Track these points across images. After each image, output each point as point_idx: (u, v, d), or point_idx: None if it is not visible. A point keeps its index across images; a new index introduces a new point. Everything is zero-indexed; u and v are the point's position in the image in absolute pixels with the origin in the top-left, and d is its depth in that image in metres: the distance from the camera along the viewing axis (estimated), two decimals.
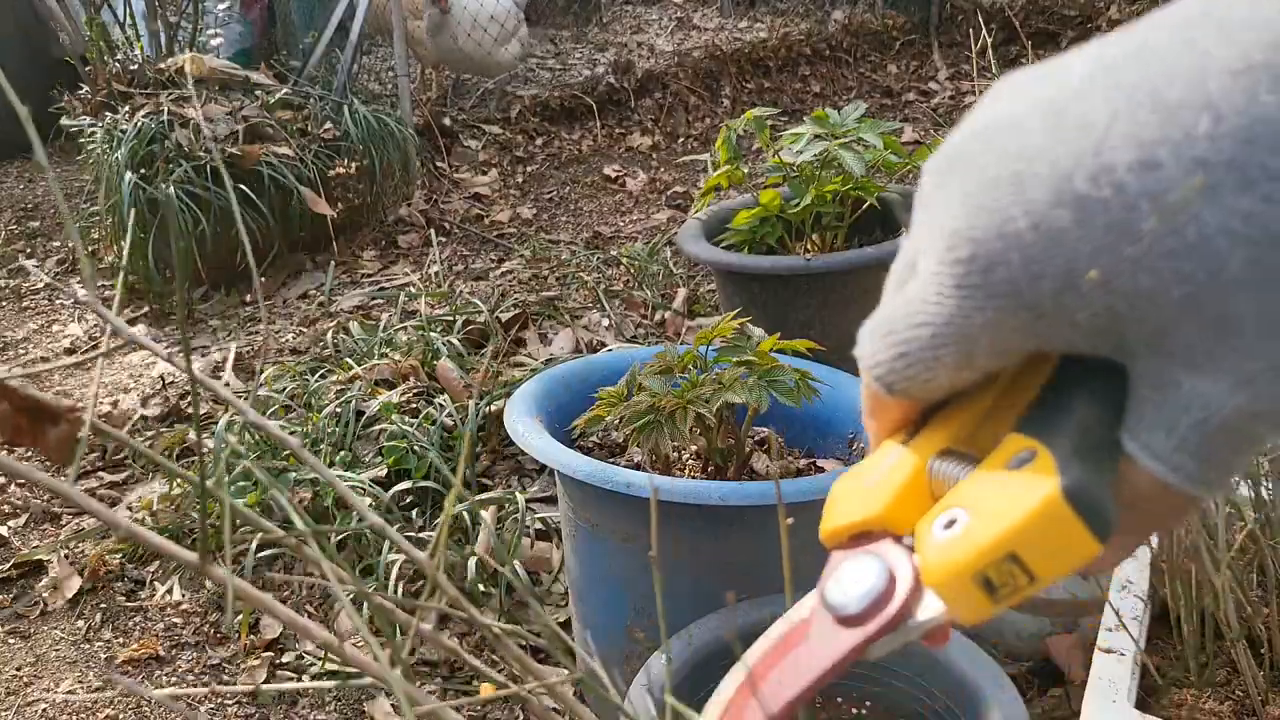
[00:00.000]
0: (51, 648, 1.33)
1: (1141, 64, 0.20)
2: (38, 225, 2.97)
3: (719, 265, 1.55)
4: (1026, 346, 0.22)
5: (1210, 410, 0.20)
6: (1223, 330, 0.19)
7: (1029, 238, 0.20)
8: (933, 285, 0.23)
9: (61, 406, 0.29)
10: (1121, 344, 0.21)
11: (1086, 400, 0.22)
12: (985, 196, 0.21)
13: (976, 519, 0.23)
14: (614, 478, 0.93)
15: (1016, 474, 0.22)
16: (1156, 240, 0.19)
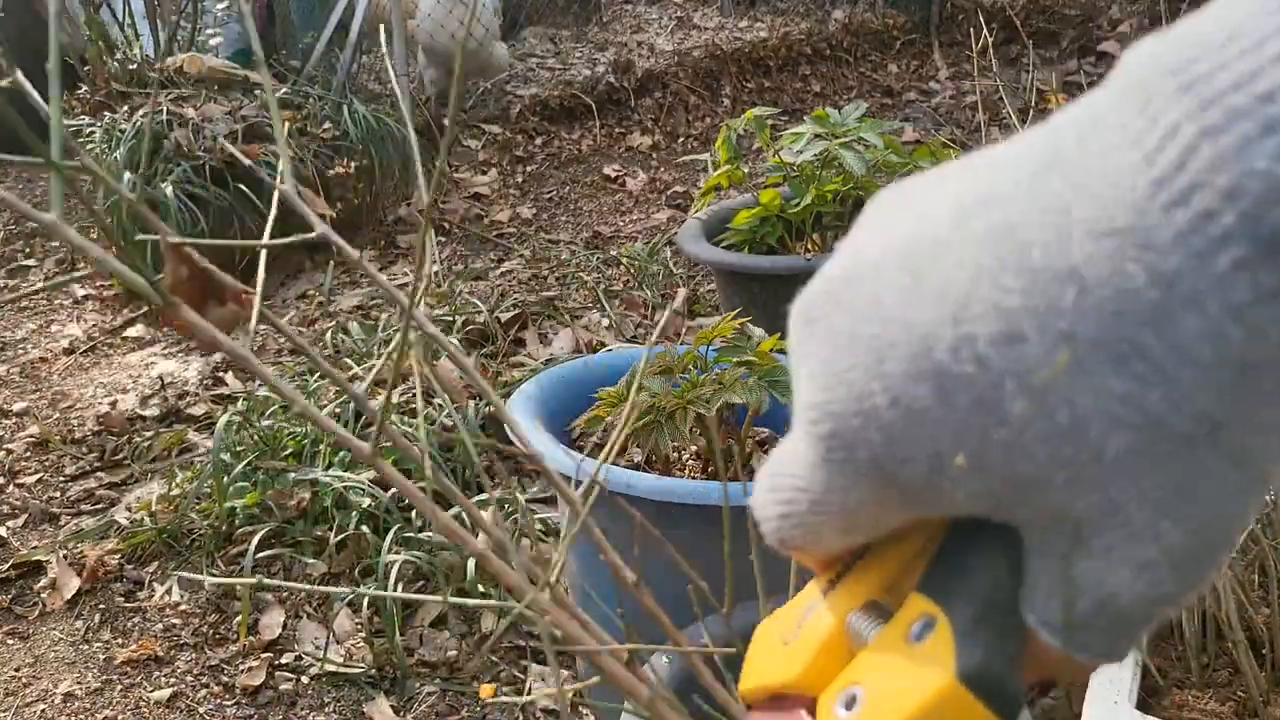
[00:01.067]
0: (50, 648, 1.33)
1: (1003, 215, 0.18)
2: (36, 225, 2.96)
3: (719, 265, 1.54)
4: (910, 517, 0.21)
5: (1108, 596, 0.19)
6: (1111, 515, 0.18)
7: (888, 416, 0.18)
8: (806, 453, 0.21)
9: (234, 287, 0.28)
10: (1011, 517, 0.20)
11: (988, 560, 0.21)
12: (842, 363, 0.19)
13: (874, 700, 0.22)
14: (613, 478, 0.93)
15: (916, 648, 0.21)
16: (1027, 424, 0.17)
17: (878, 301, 0.19)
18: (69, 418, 1.92)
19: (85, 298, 2.49)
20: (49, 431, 1.84)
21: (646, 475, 0.99)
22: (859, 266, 0.19)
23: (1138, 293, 0.16)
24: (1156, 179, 0.16)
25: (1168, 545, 0.18)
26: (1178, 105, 0.16)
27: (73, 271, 2.64)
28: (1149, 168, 0.16)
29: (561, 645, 0.30)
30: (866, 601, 0.23)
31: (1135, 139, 0.16)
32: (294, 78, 2.74)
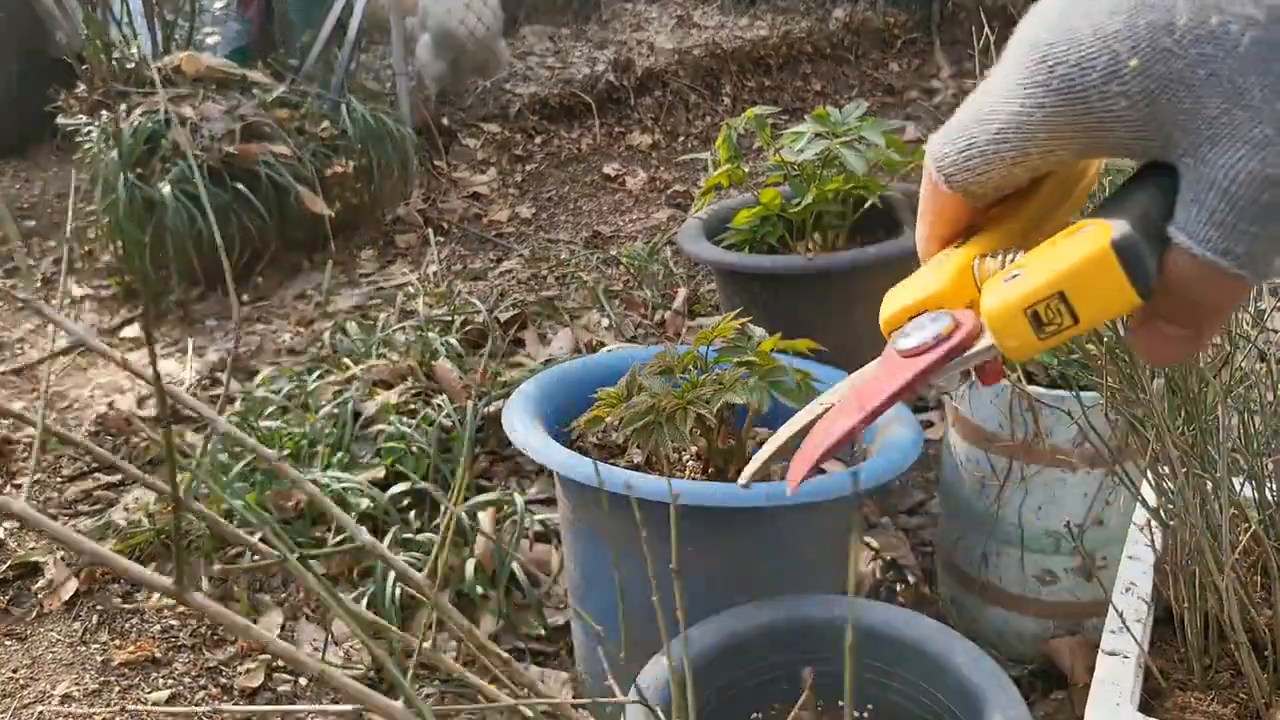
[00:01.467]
0: (48, 650, 1.33)
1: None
2: (33, 225, 2.96)
3: (719, 265, 1.54)
4: (1078, 142, 0.26)
5: (1231, 178, 0.24)
6: (1236, 101, 0.23)
7: (1087, 38, 0.25)
8: (1002, 88, 0.27)
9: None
10: (1162, 139, 0.25)
11: (1147, 198, 0.26)
12: (1058, 15, 0.26)
13: (1035, 268, 0.27)
14: (613, 478, 0.92)
15: (1076, 239, 0.26)
16: (1188, 30, 0.24)
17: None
18: (66, 418, 1.92)
19: (82, 298, 2.49)
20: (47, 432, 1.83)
21: (646, 476, 0.99)
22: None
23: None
24: None
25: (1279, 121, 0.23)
26: None
27: (70, 271, 2.63)
28: None
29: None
30: (994, 249, 0.29)
31: None
32: (292, 77, 2.73)
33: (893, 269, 1.48)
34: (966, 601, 1.21)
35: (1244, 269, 0.24)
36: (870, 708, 0.90)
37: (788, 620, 0.91)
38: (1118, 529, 1.07)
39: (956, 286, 0.29)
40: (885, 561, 1.31)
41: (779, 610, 0.91)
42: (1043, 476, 1.09)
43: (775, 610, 0.91)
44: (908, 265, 1.30)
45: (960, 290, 0.29)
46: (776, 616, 0.91)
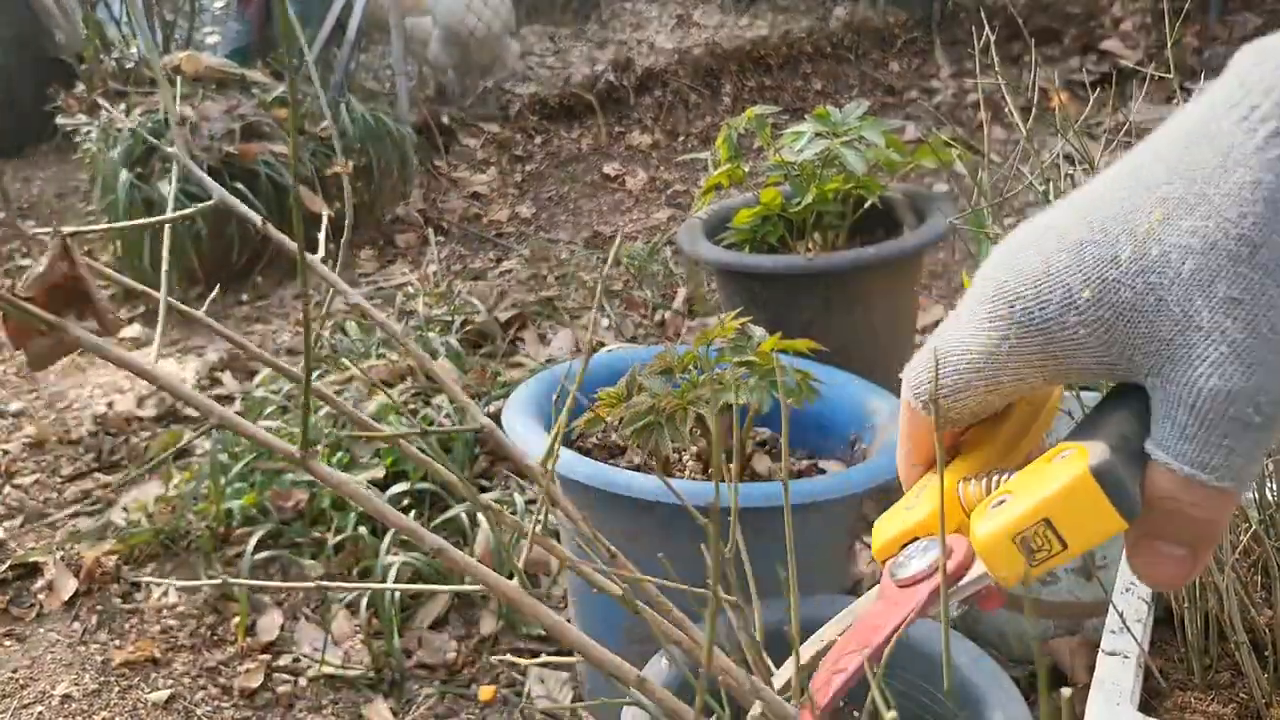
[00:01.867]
0: (47, 650, 1.32)
1: (1120, 167, 0.28)
2: (33, 224, 2.96)
3: (720, 264, 1.54)
4: (1045, 371, 0.28)
5: (1195, 396, 0.25)
6: (1188, 323, 0.25)
7: (1038, 274, 0.27)
8: (970, 323, 0.29)
9: (102, 306, 0.28)
10: (1126, 362, 0.27)
11: (1122, 418, 0.27)
12: (1012, 254, 0.28)
13: (1020, 495, 0.28)
14: (613, 479, 0.92)
15: (1057, 465, 0.27)
16: (1132, 262, 0.26)
17: (1043, 221, 0.28)
18: (65, 418, 1.91)
19: None
20: (45, 432, 1.83)
21: (646, 476, 0.99)
22: (1033, 221, 0.29)
23: (1206, 162, 0.25)
24: (1236, 116, 0.25)
25: (1232, 340, 0.25)
26: (1260, 78, 0.25)
27: None
28: (1234, 109, 0.25)
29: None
30: (970, 474, 0.30)
31: (1229, 101, 0.25)
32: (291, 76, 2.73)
33: (892, 268, 1.48)
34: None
35: (1225, 480, 0.26)
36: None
37: (787, 620, 0.91)
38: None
39: (937, 513, 0.30)
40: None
41: (779, 610, 0.91)
42: None
43: (775, 611, 0.91)
44: (908, 265, 1.31)
45: (948, 514, 0.30)
46: (775, 617, 0.91)
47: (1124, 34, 3.39)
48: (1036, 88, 1.11)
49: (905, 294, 1.56)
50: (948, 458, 0.31)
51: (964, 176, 1.70)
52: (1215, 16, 3.44)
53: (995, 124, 2.73)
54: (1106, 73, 3.24)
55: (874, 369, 1.36)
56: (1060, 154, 1.13)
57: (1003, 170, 1.04)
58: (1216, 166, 0.25)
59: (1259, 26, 3.35)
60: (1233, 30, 3.36)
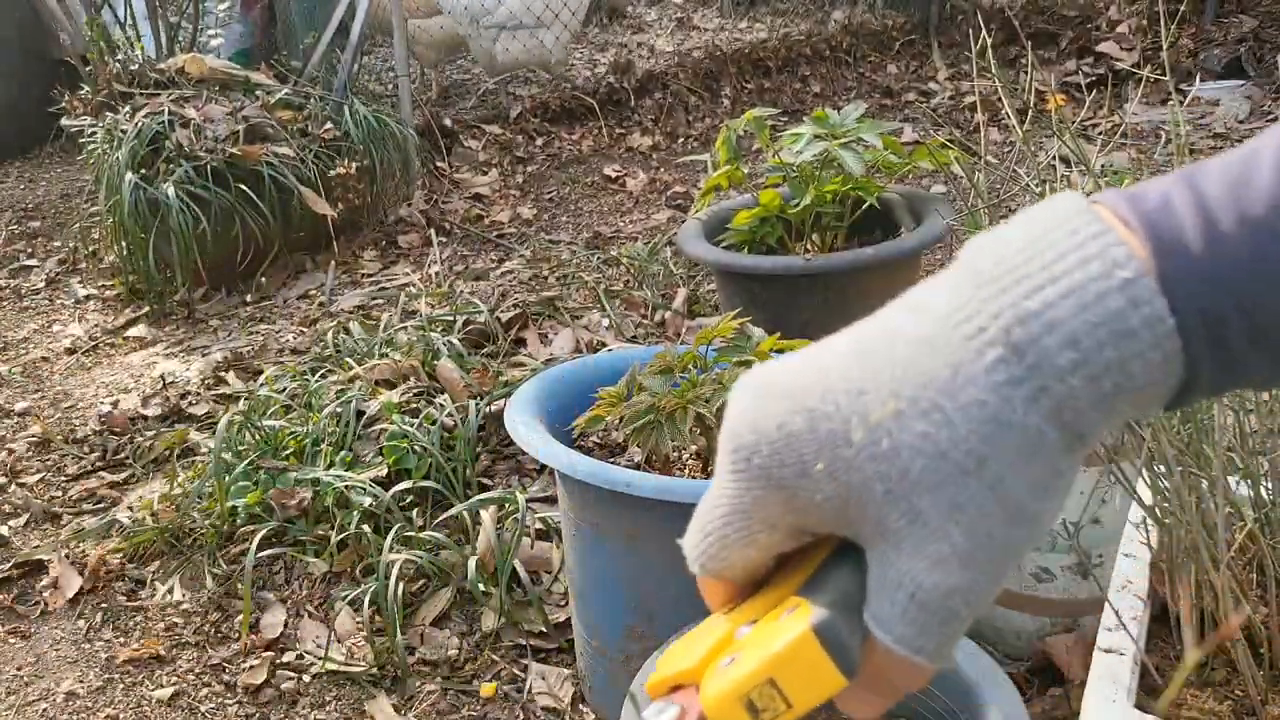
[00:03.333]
0: (52, 647, 1.33)
1: (856, 339, 0.30)
2: (38, 225, 2.97)
3: (719, 265, 1.55)
4: (791, 523, 0.29)
5: (916, 585, 0.27)
6: (914, 519, 0.26)
7: (774, 435, 0.28)
8: (719, 480, 0.30)
9: None
10: (854, 531, 0.28)
11: (848, 575, 0.28)
12: (753, 409, 0.29)
13: (746, 656, 0.28)
14: (614, 477, 0.93)
15: (782, 622, 0.28)
16: (862, 448, 0.27)
17: (779, 377, 0.29)
18: (71, 417, 1.92)
19: (87, 298, 2.50)
20: (51, 431, 1.84)
21: (646, 474, 1.00)
22: (776, 366, 0.30)
23: (938, 372, 0.27)
24: (966, 332, 0.27)
25: (954, 542, 0.26)
26: (989, 297, 0.27)
27: (74, 272, 2.64)
28: (965, 324, 0.27)
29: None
30: (753, 619, 0.30)
31: (962, 313, 0.27)
32: (295, 78, 2.74)
33: (890, 269, 1.49)
34: None
35: (931, 660, 0.27)
36: None
37: None
38: (1114, 527, 1.08)
39: (713, 659, 0.29)
40: None
41: None
42: None
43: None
44: (905, 266, 1.33)
45: (707, 668, 0.29)
46: None
47: (1120, 36, 3.40)
48: (1033, 90, 1.12)
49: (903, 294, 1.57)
50: (733, 606, 0.31)
51: (961, 178, 1.71)
52: (1210, 19, 3.45)
53: (992, 126, 2.74)
54: (1102, 75, 3.25)
55: None
56: (1056, 156, 1.14)
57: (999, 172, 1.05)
58: (949, 379, 0.26)
59: (1253, 28, 3.36)
60: (1228, 32, 3.37)
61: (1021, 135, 1.01)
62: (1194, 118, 2.84)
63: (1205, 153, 2.61)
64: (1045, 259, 0.26)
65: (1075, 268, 0.26)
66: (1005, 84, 1.07)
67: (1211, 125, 2.80)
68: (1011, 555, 0.27)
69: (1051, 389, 0.26)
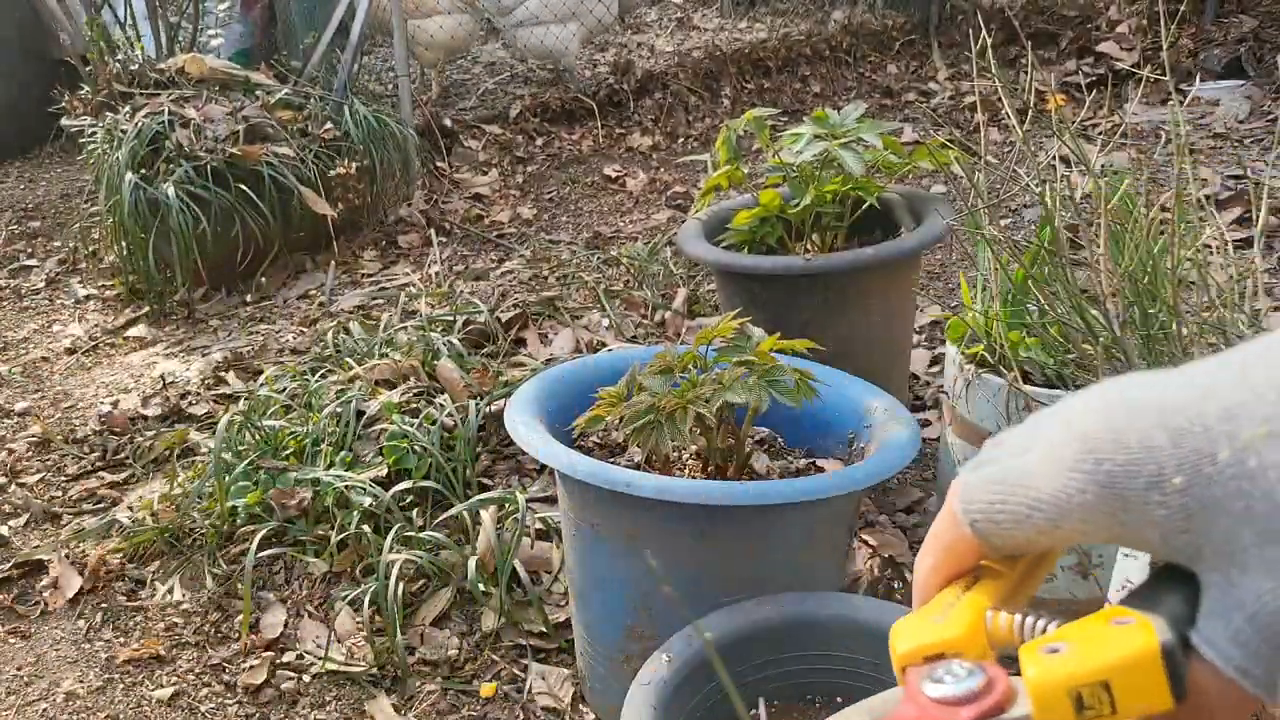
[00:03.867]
0: (52, 647, 1.33)
1: (1225, 364, 0.29)
2: (38, 225, 2.97)
3: (719, 265, 1.55)
4: (1108, 532, 0.29)
5: (1259, 607, 0.26)
6: (1270, 537, 0.26)
7: (1135, 447, 0.28)
8: (1050, 462, 0.29)
9: None
10: (1192, 551, 0.28)
11: (1175, 599, 0.28)
12: (1107, 414, 0.29)
13: (1081, 649, 0.28)
14: (613, 477, 0.93)
15: (1119, 629, 0.28)
16: (1228, 465, 0.27)
17: (1144, 393, 0.29)
18: (71, 417, 1.92)
19: (87, 298, 2.50)
20: (51, 431, 1.84)
21: (646, 474, 1.00)
22: (1134, 380, 0.30)
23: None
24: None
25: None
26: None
27: (74, 272, 2.65)
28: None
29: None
30: (993, 604, 0.31)
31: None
32: (295, 78, 2.74)
33: (890, 269, 1.49)
34: None
35: (1260, 689, 0.27)
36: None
37: (786, 617, 0.92)
38: None
39: (972, 634, 0.30)
40: (883, 559, 1.31)
41: (778, 607, 0.92)
42: None
43: (774, 607, 0.92)
44: (905, 266, 1.32)
45: (975, 638, 0.30)
46: (775, 613, 0.92)
47: (1120, 36, 3.40)
48: (1033, 90, 1.12)
49: (903, 294, 1.57)
50: (968, 585, 0.32)
51: (961, 178, 1.71)
52: (1210, 19, 3.45)
53: (992, 126, 2.74)
54: (1102, 75, 3.25)
55: (872, 369, 1.37)
56: (1056, 156, 1.14)
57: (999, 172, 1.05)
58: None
59: (1253, 28, 3.36)
60: (1228, 32, 3.37)
61: (1021, 135, 1.01)
62: (1194, 118, 2.84)
63: (1205, 153, 2.61)
64: None
65: None
66: (1005, 84, 1.07)
67: (1211, 125, 2.80)
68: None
69: None
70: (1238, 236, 1.78)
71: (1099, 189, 0.97)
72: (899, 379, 1.61)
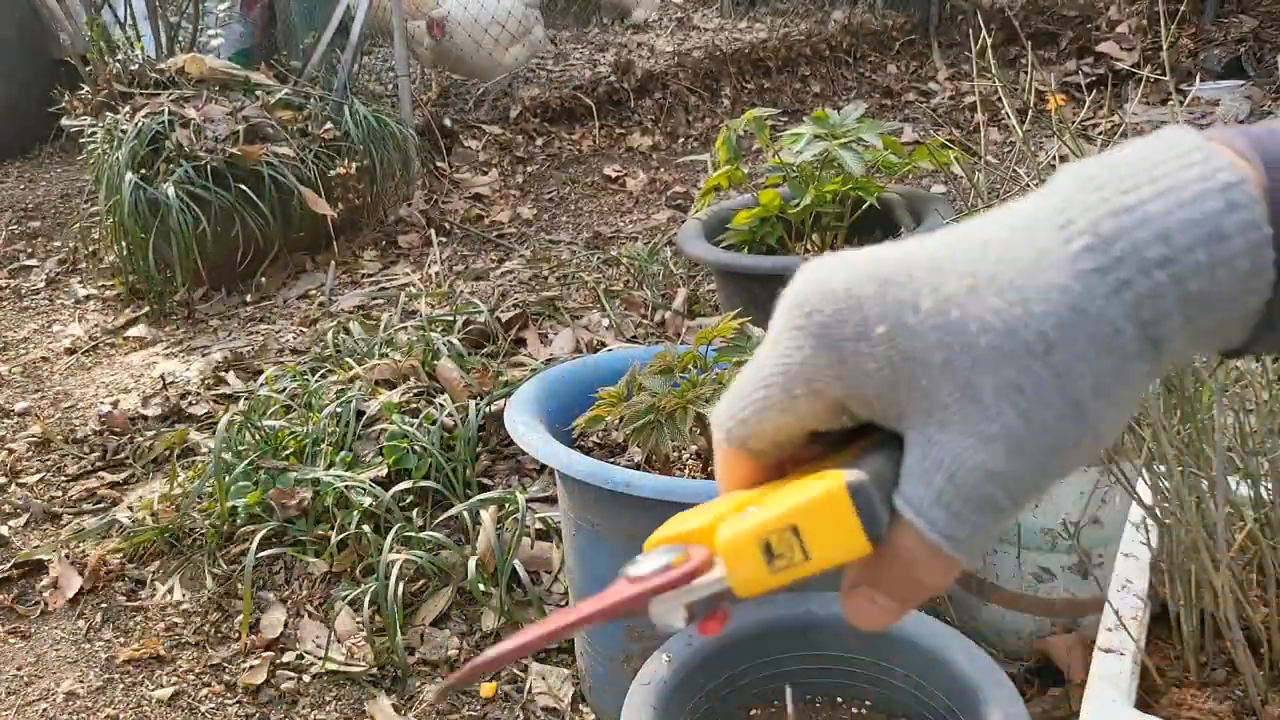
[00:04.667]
0: (52, 647, 1.33)
1: (948, 229, 0.29)
2: (38, 225, 2.97)
3: (719, 265, 1.55)
4: (835, 396, 0.28)
5: (957, 465, 0.26)
6: (968, 394, 0.26)
7: (840, 295, 0.28)
8: (768, 341, 0.29)
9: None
10: (901, 409, 0.27)
11: (885, 460, 0.28)
12: (817, 274, 0.29)
13: (770, 502, 0.28)
14: (613, 477, 0.93)
15: (810, 480, 0.28)
16: (929, 315, 0.26)
17: (860, 255, 0.29)
18: (71, 417, 1.92)
19: (87, 298, 2.50)
20: (51, 431, 1.84)
21: (646, 474, 1.00)
22: (837, 256, 0.30)
23: (1021, 256, 0.26)
24: (1056, 223, 0.27)
25: (1006, 423, 0.25)
26: (1085, 194, 0.27)
27: (74, 272, 2.64)
28: (1054, 216, 0.27)
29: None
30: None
31: (1054, 209, 0.27)
32: (295, 78, 2.74)
33: None
34: (964, 598, 1.22)
35: (960, 552, 0.26)
36: (868, 703, 0.91)
37: (787, 617, 0.92)
38: (1114, 527, 1.08)
39: (710, 529, 0.28)
40: None
41: (778, 607, 0.92)
42: None
43: (774, 607, 0.92)
44: None
45: (711, 531, 0.28)
46: (776, 613, 0.92)
47: (1120, 36, 3.40)
48: (1033, 90, 1.12)
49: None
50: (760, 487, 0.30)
51: (961, 178, 1.71)
52: (1210, 19, 3.45)
53: (992, 126, 2.74)
54: (1102, 75, 3.25)
55: None
56: (1056, 156, 1.14)
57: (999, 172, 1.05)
58: (1031, 261, 0.26)
59: (1253, 28, 3.36)
60: (1228, 32, 3.37)
61: (1021, 135, 1.01)
62: (1194, 118, 2.84)
63: None
64: (1146, 164, 0.26)
65: (1176, 170, 0.26)
66: (1005, 84, 1.07)
67: (1211, 125, 2.80)
68: (1059, 458, 0.26)
69: (1135, 282, 0.25)
70: None
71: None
72: None
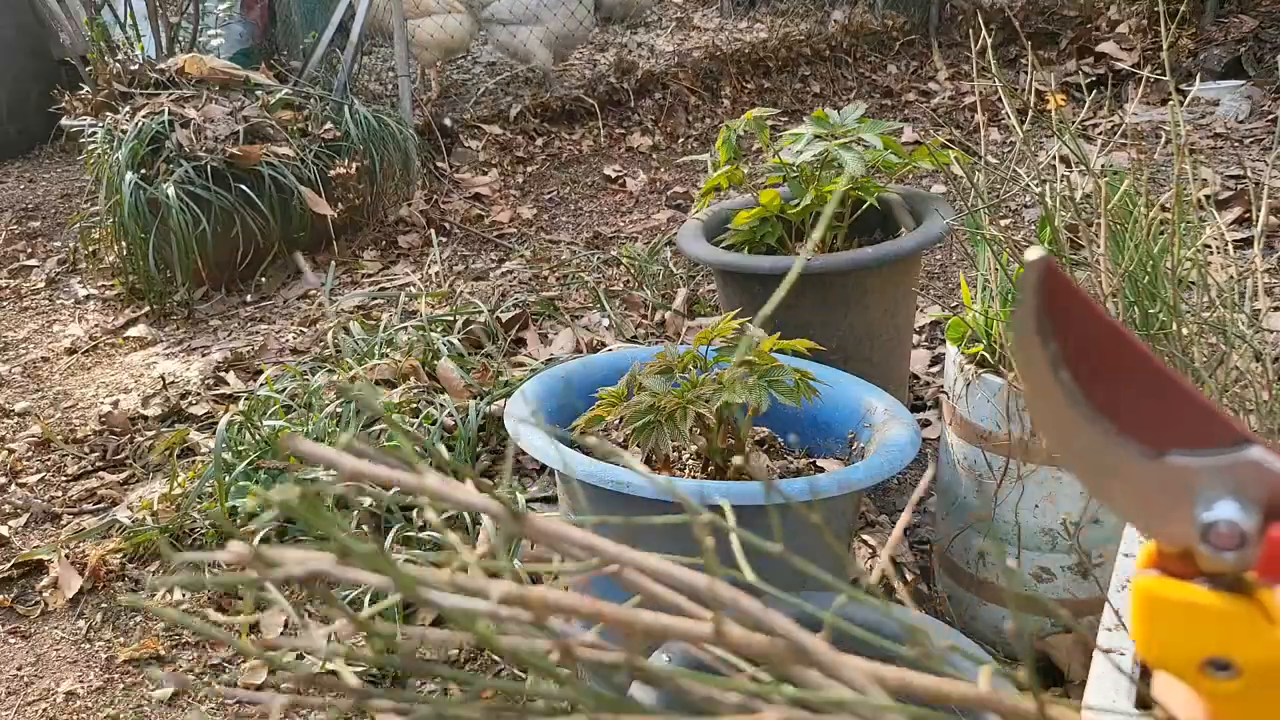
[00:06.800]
0: (52, 647, 1.34)
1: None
2: (38, 225, 2.97)
3: (719, 265, 1.55)
4: None
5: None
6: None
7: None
8: None
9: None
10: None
11: None
12: None
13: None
14: (613, 477, 0.93)
15: None
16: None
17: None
18: (71, 417, 1.92)
19: (87, 298, 2.50)
20: (51, 431, 1.84)
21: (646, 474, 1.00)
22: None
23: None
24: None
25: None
26: None
27: (74, 272, 2.65)
28: None
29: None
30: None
31: None
32: (295, 78, 2.74)
33: (890, 269, 1.49)
34: (964, 598, 1.22)
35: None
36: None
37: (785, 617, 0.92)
38: (1114, 527, 1.08)
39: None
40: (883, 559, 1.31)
41: (779, 607, 0.92)
42: (1039, 475, 1.09)
43: (773, 607, 0.92)
44: (905, 266, 1.32)
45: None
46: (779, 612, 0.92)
47: (1120, 37, 3.40)
48: (1033, 90, 1.12)
49: (903, 294, 1.57)
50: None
51: (961, 178, 1.71)
52: (1210, 19, 3.46)
53: (992, 126, 2.74)
54: (1103, 75, 3.25)
55: (872, 369, 1.37)
56: (1056, 156, 1.14)
57: (999, 172, 1.05)
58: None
59: (1253, 28, 3.36)
60: (1228, 32, 3.37)
61: (1021, 135, 1.01)
62: (1194, 118, 2.84)
63: (1205, 153, 2.61)
64: None
65: None
66: (1005, 84, 1.07)
67: (1211, 125, 2.80)
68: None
69: None
70: (1238, 236, 1.78)
71: (1099, 189, 0.97)
72: (899, 379, 1.61)
